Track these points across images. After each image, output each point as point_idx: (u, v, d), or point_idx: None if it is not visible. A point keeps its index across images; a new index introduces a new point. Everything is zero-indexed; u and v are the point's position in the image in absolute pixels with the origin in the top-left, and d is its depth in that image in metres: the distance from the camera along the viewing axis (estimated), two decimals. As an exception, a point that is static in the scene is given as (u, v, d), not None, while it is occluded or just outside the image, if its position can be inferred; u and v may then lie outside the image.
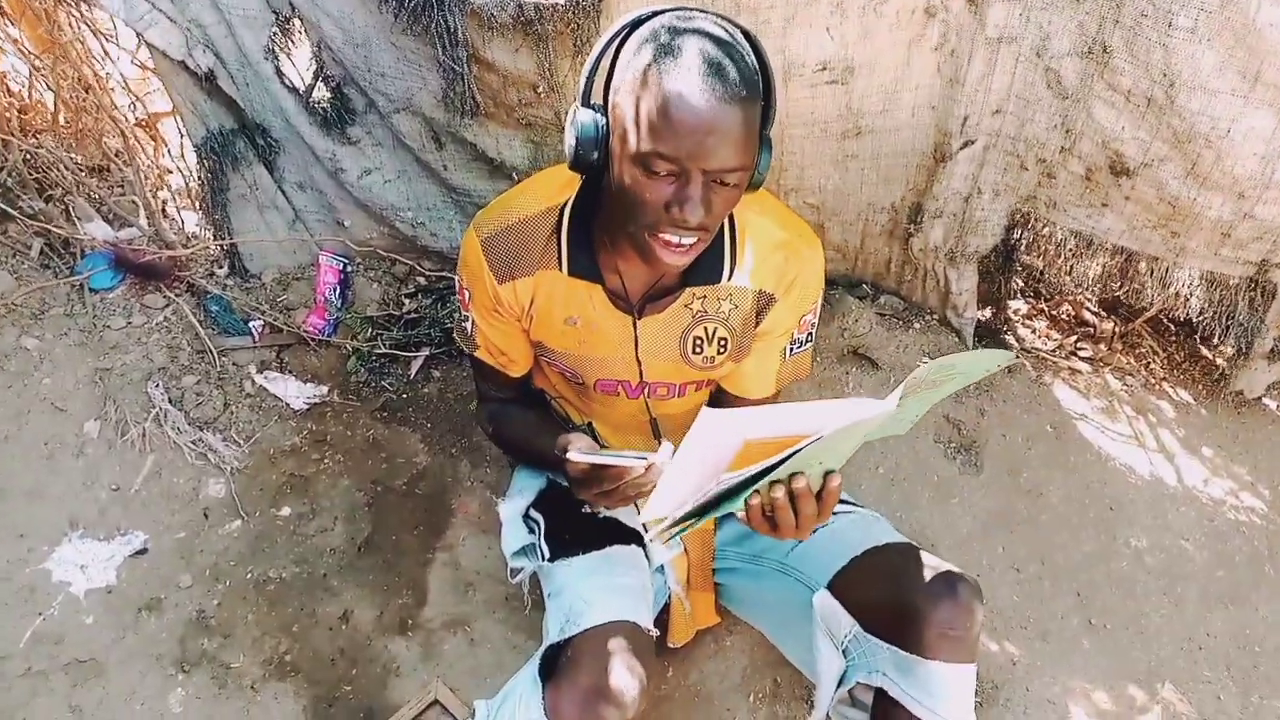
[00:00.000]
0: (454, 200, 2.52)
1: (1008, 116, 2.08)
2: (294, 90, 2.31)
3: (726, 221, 1.49)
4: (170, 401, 2.29)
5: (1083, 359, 2.47)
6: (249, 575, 2.13)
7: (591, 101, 1.30)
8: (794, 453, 1.13)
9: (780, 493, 1.23)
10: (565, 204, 1.50)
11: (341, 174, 2.41)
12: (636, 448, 1.85)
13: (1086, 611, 2.10)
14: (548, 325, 1.58)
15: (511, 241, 1.50)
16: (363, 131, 2.39)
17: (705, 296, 1.54)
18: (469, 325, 1.65)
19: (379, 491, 2.28)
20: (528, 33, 2.03)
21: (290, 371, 2.43)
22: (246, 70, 2.27)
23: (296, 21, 2.23)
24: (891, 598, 1.53)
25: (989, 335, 2.49)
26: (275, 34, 2.23)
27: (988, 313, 2.52)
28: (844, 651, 1.61)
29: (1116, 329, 2.49)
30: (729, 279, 1.52)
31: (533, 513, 1.79)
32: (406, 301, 2.56)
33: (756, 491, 1.24)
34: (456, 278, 1.62)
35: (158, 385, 2.30)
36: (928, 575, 1.52)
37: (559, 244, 1.50)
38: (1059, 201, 2.14)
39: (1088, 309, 2.54)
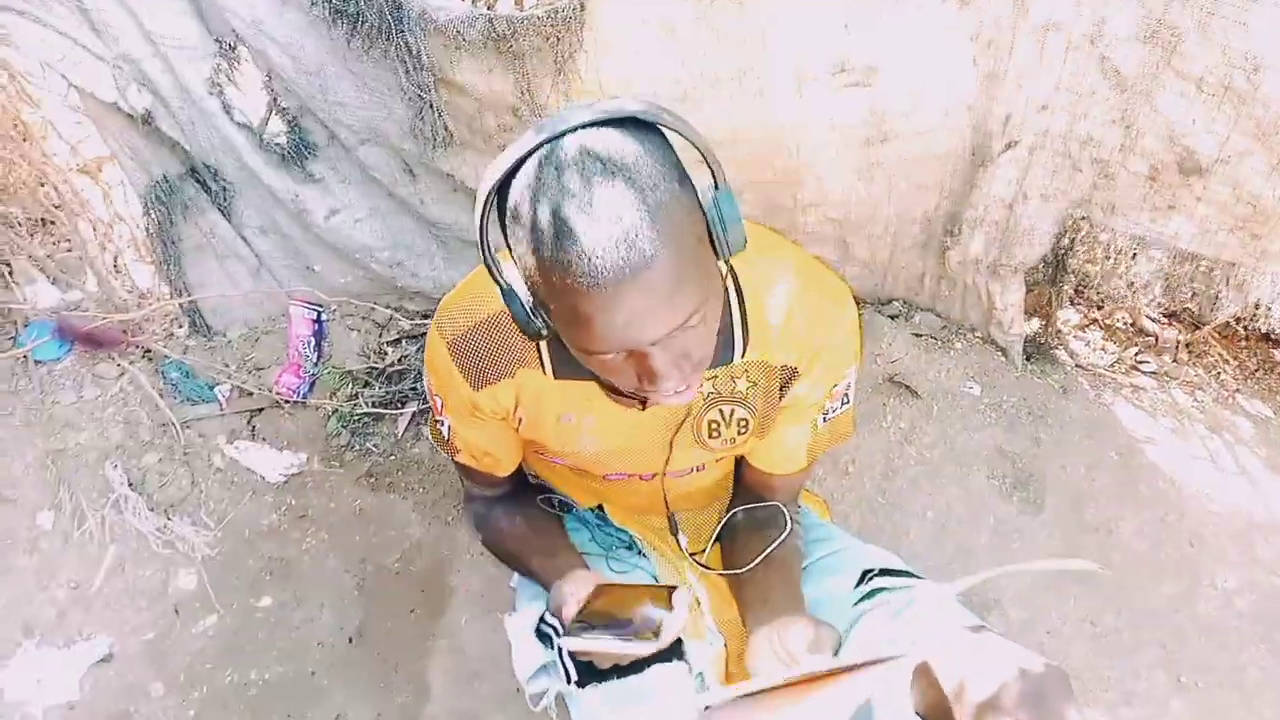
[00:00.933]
0: (434, 235, 2.27)
1: (1057, 113, 1.81)
2: (245, 126, 2.05)
3: (733, 289, 1.24)
4: (130, 484, 2.05)
5: (1146, 374, 2.21)
6: (228, 679, 1.90)
7: (502, 273, 1.02)
8: None
9: None
10: None
11: (306, 215, 2.16)
12: (656, 526, 1.62)
13: (1175, 667, 1.86)
14: (540, 425, 1.34)
15: (484, 342, 1.25)
16: (326, 168, 2.13)
17: (716, 377, 1.30)
18: (444, 429, 1.40)
19: (369, 571, 2.04)
20: (501, 50, 1.77)
21: (264, 439, 2.18)
22: (189, 108, 2.02)
23: (243, 49, 1.98)
24: (964, 695, 1.29)
25: (1038, 351, 2.23)
26: (219, 65, 1.97)
27: (1035, 325, 2.26)
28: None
29: (1181, 338, 2.24)
30: (743, 356, 1.28)
31: (549, 619, 1.55)
32: (389, 351, 2.31)
33: None
34: (425, 380, 1.37)
35: (116, 466, 2.06)
36: (1007, 666, 1.28)
37: (538, 347, 1.25)
38: (1118, 205, 1.88)
39: (1147, 316, 2.28)
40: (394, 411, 2.21)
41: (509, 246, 0.99)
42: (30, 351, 2.12)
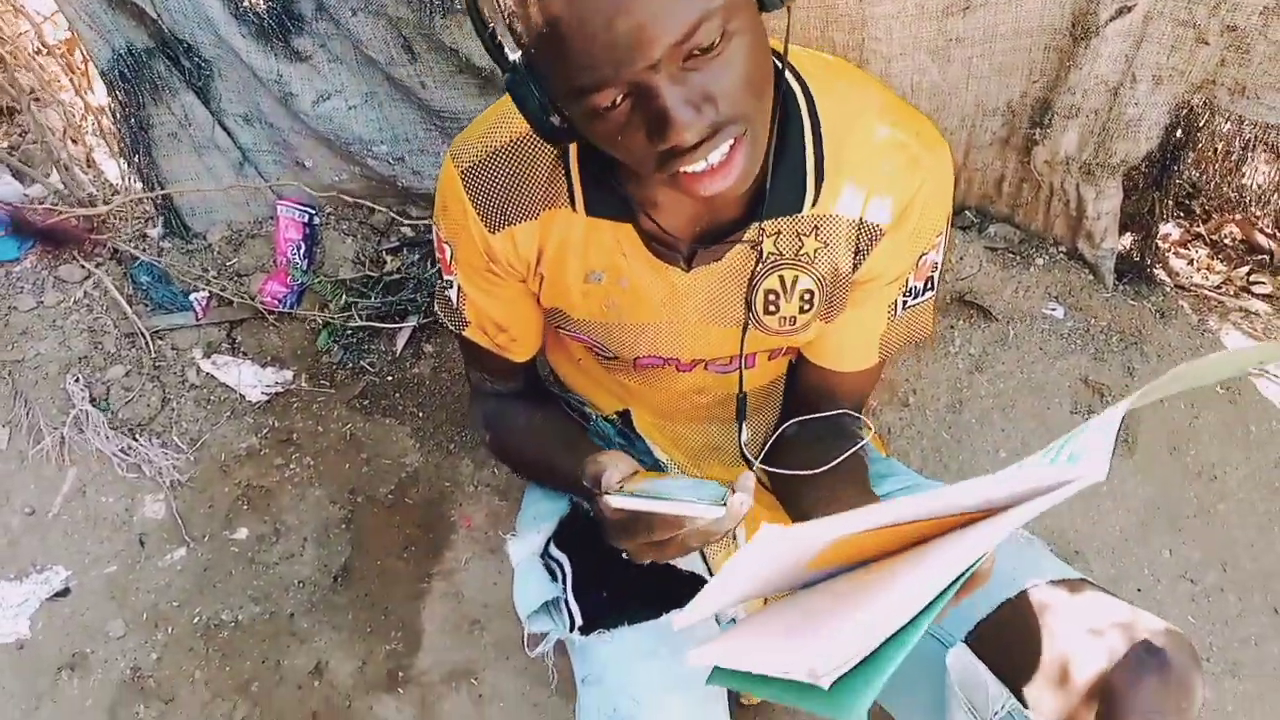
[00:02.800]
0: (439, 127, 1.99)
1: (1183, -32, 1.49)
2: (221, -8, 1.78)
3: (806, 117, 0.98)
4: (93, 400, 1.82)
5: (1259, 296, 1.90)
6: (196, 619, 1.68)
7: (507, 58, 0.81)
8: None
9: None
10: None
11: (292, 100, 1.89)
12: (689, 444, 1.37)
13: (1292, 638, 1.58)
14: (563, 286, 1.10)
15: (504, 172, 1.02)
16: (313, 44, 1.85)
17: (780, 233, 1.05)
18: (453, 294, 1.16)
19: (359, 503, 1.80)
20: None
21: (245, 354, 1.94)
22: (157, -32, 1.75)
23: (216, -102, 1.70)
24: (1064, 662, 1.03)
25: (1133, 272, 1.92)
26: (187, -84, 1.70)
27: (1127, 240, 1.95)
28: (993, 736, 1.12)
29: (1303, 254, 1.92)
30: (813, 205, 1.01)
31: (554, 551, 1.29)
32: (388, 259, 2.05)
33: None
34: (433, 228, 1.12)
35: (77, 379, 1.83)
36: (1119, 631, 1.02)
37: (567, 173, 1.00)
38: (1250, 85, 1.56)
39: (1260, 230, 1.96)
40: (392, 326, 1.95)
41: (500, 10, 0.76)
42: (-15, 250, 1.88)
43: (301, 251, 2.01)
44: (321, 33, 1.86)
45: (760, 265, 1.06)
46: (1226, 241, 2.00)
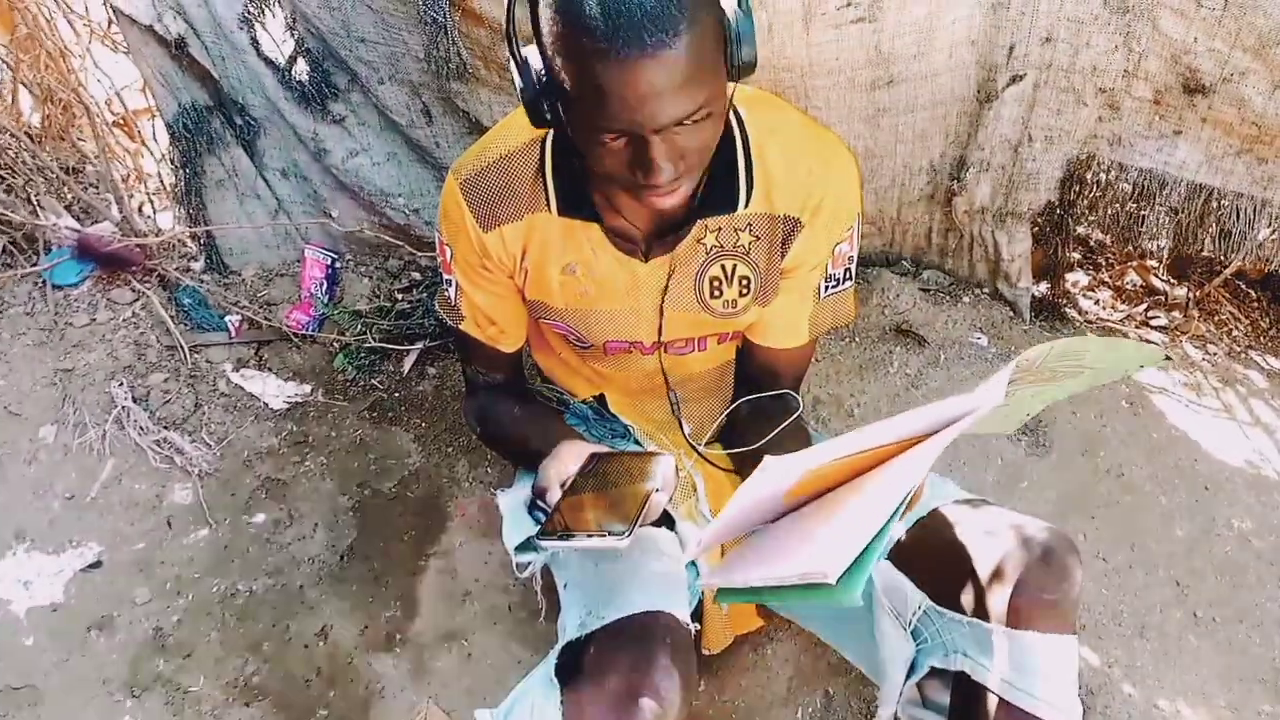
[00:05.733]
0: (450, 185, 2.31)
1: (1060, 44, 1.85)
2: (272, 64, 2.13)
3: (738, 135, 1.28)
4: (134, 400, 2.05)
5: (1156, 328, 2.19)
6: (215, 589, 1.86)
7: (520, 53, 1.07)
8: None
9: None
10: (547, 136, 1.29)
11: (326, 155, 2.21)
12: (655, 417, 1.61)
13: (1190, 604, 1.78)
14: (544, 278, 1.36)
15: (494, 182, 1.29)
16: (346, 109, 2.20)
17: (720, 229, 1.32)
18: (452, 291, 1.43)
19: (365, 495, 2.01)
20: (520, -31, 1.84)
21: (270, 369, 2.19)
22: (222, 42, 2.10)
23: (273, -11, 2.07)
24: (968, 562, 1.26)
25: (1047, 310, 2.22)
26: (249, 1, 2.06)
27: (1043, 287, 2.25)
28: (913, 634, 1.33)
29: (1191, 295, 2.22)
30: (746, 205, 1.30)
31: (540, 501, 1.53)
32: (400, 296, 2.33)
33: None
34: (436, 234, 1.40)
35: (121, 384, 2.07)
36: (1010, 532, 1.25)
37: (545, 182, 1.29)
38: (1124, 136, 1.90)
39: (1155, 276, 2.28)
40: (401, 348, 2.22)
41: (534, 23, 1.02)
42: (49, 274, 2.16)
43: (324, 288, 2.29)
44: (353, 101, 2.20)
45: (706, 255, 1.34)
46: (1128, 286, 2.30)
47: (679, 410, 1.51)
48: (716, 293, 1.37)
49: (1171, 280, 2.28)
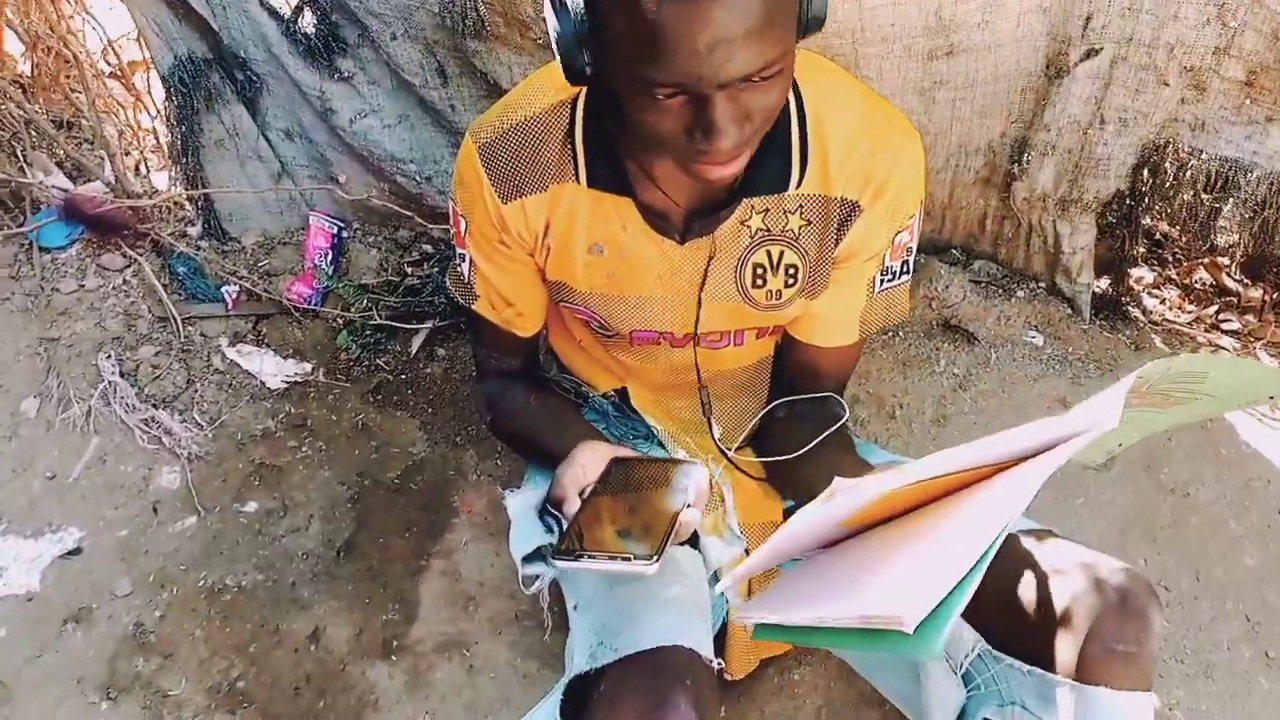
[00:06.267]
0: (466, 151, 2.15)
1: (1143, 16, 1.66)
2: (276, 14, 1.97)
3: (793, 106, 1.11)
4: (122, 374, 1.92)
5: (1227, 332, 2.01)
6: (201, 583, 1.73)
7: None
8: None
9: None
10: (578, 96, 1.13)
11: (333, 115, 2.05)
12: (682, 416, 1.46)
13: (1261, 642, 1.63)
14: (568, 258, 1.21)
15: (517, 147, 1.14)
16: (355, 66, 2.03)
17: (768, 210, 1.16)
18: (465, 268, 1.27)
19: (366, 485, 1.88)
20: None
21: (268, 345, 2.05)
22: (222, -12, 1.94)
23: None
24: (1031, 602, 1.10)
25: (1109, 308, 2.04)
26: (254, -57, 1.89)
27: (1104, 283, 2.07)
28: (964, 678, 1.18)
29: (1268, 297, 2.04)
30: (798, 186, 1.13)
31: (555, 511, 1.38)
32: (409, 270, 2.18)
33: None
34: (450, 203, 1.24)
35: (109, 356, 1.93)
36: (1081, 571, 1.09)
37: (573, 149, 1.13)
38: (1208, 121, 1.72)
39: (1228, 275, 2.09)
40: (409, 327, 2.07)
41: None
42: (35, 236, 2.01)
43: (329, 259, 2.14)
44: (363, 57, 2.03)
45: (750, 239, 1.18)
46: (1197, 285, 2.12)
47: (710, 410, 1.36)
48: (760, 282, 1.21)
49: (1245, 280, 2.09)
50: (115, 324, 1.99)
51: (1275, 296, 2.05)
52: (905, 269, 1.26)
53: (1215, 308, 2.06)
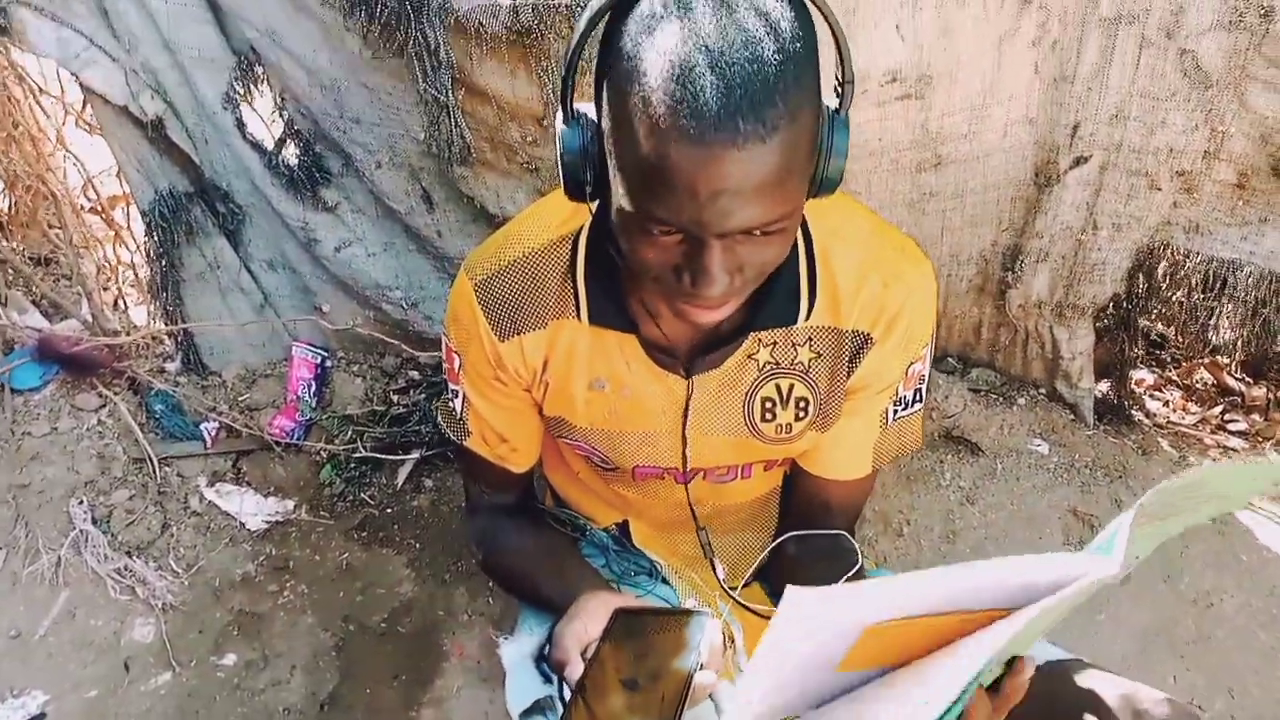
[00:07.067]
0: (451, 276, 2.12)
1: (1130, 123, 1.66)
2: (259, 147, 1.95)
3: (801, 241, 1.07)
4: (94, 521, 1.83)
5: (1234, 433, 1.97)
6: (176, 746, 1.62)
7: (574, 108, 0.89)
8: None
9: None
10: (580, 231, 1.09)
11: (316, 245, 2.02)
12: (686, 551, 1.38)
13: (1308, 767, 1.54)
14: (567, 394, 1.15)
15: (515, 284, 1.09)
16: (339, 196, 2.01)
17: (776, 344, 1.11)
18: (458, 404, 1.21)
19: (351, 631, 1.77)
20: (525, 46, 1.66)
21: (248, 483, 1.97)
22: (204, 124, 1.93)
23: (259, 68, 1.90)
24: None
25: (1112, 413, 2.00)
26: (236, 78, 1.89)
27: (1105, 387, 2.04)
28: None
29: (1272, 395, 2.00)
30: (807, 318, 1.09)
31: (556, 674, 1.29)
32: (395, 398, 2.12)
33: None
34: (443, 339, 1.19)
35: (81, 502, 1.84)
36: (1122, 705, 1.02)
37: (574, 284, 1.09)
38: (1202, 223, 1.71)
39: (1229, 374, 2.06)
40: (396, 457, 2.00)
41: (599, 75, 0.84)
42: (8, 378, 1.95)
43: (312, 390, 2.08)
44: (347, 186, 2.02)
45: (759, 373, 1.13)
46: (1199, 385, 2.09)
47: (711, 552, 1.29)
48: (769, 415, 1.15)
49: (1247, 379, 2.06)
50: (89, 467, 1.91)
51: (1279, 395, 2.01)
52: (918, 397, 1.21)
53: (1220, 408, 2.01)
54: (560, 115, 0.89)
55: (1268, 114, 1.53)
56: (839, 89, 0.87)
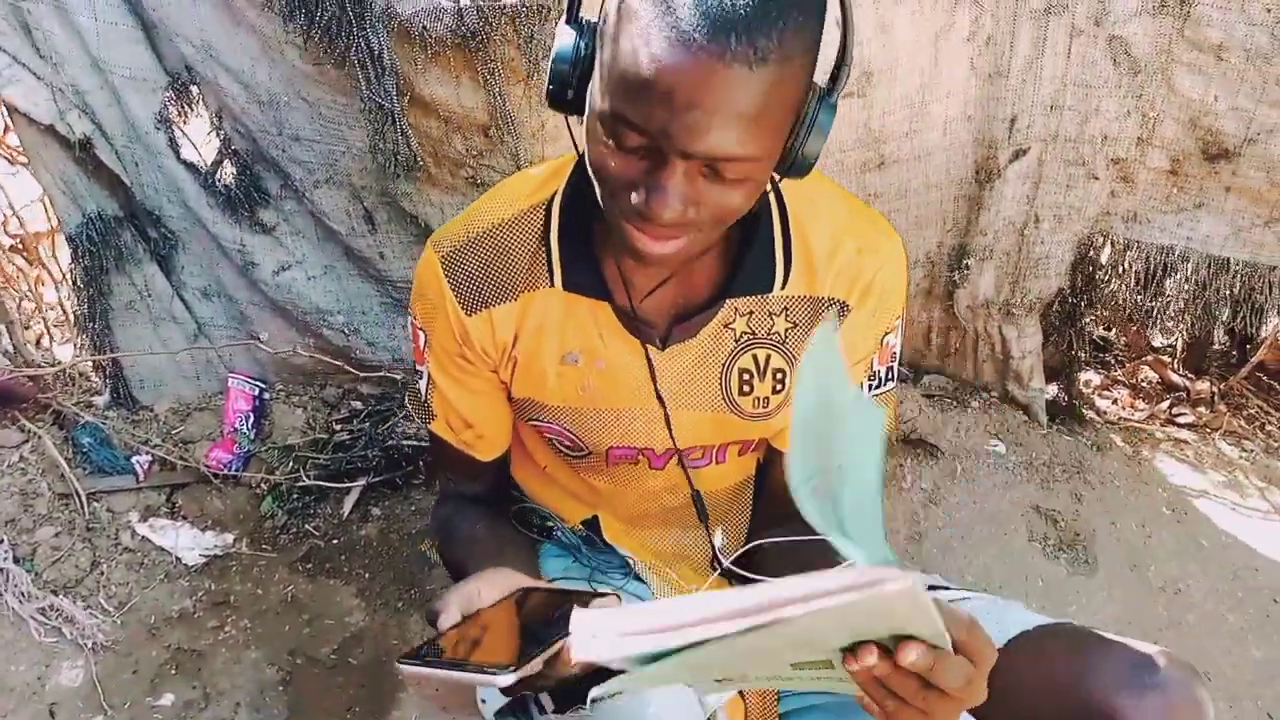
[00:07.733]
0: (394, 300, 2.07)
1: (1066, 112, 1.71)
2: (193, 168, 1.90)
3: (775, 209, 1.06)
4: (16, 560, 1.70)
5: (1183, 425, 1.99)
6: (106, 796, 1.49)
7: (580, 18, 0.89)
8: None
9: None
10: (554, 197, 1.07)
11: (254, 270, 1.96)
12: (657, 547, 1.33)
13: (1289, 741, 1.52)
14: (538, 371, 1.10)
15: (485, 255, 1.05)
16: (277, 217, 1.96)
17: (752, 313, 1.09)
18: (424, 384, 1.16)
19: (298, 665, 1.67)
20: (470, 51, 1.65)
21: (184, 517, 1.86)
22: (135, 144, 1.87)
23: (194, 89, 1.86)
24: (1069, 702, 0.98)
25: (1063, 412, 2.02)
26: (169, 98, 1.84)
27: (1054, 388, 2.05)
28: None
29: (1215, 388, 2.04)
30: (783, 287, 1.07)
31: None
32: (338, 428, 2.04)
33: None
34: (409, 317, 1.14)
35: (1, 541, 1.72)
36: (1120, 661, 0.98)
37: (548, 250, 1.05)
38: (1139, 212, 1.75)
39: (1172, 371, 2.10)
40: (341, 485, 1.91)
41: None
42: (-81, 416, 1.83)
43: (250, 422, 1.99)
44: (286, 208, 1.97)
45: (735, 344, 1.11)
46: (1144, 384, 2.12)
47: (706, 515, 1.23)
48: (746, 388, 1.12)
49: (1189, 375, 2.10)
50: (9, 505, 1.78)
51: (1222, 387, 2.05)
52: (891, 375, 1.19)
53: (1168, 403, 2.04)
54: (565, 15, 0.88)
55: (1194, 96, 1.59)
56: (834, 74, 0.87)
